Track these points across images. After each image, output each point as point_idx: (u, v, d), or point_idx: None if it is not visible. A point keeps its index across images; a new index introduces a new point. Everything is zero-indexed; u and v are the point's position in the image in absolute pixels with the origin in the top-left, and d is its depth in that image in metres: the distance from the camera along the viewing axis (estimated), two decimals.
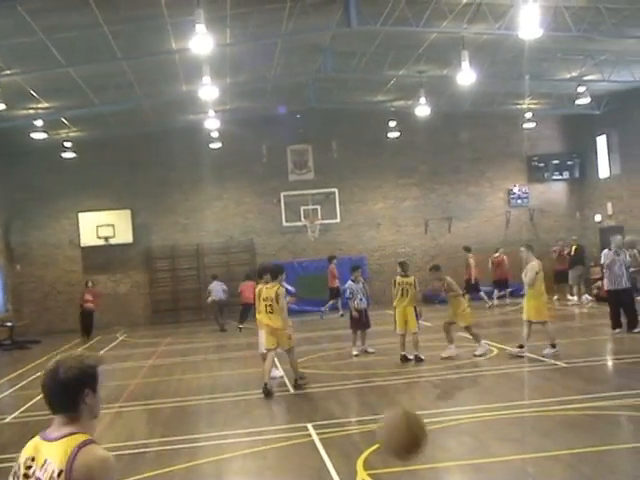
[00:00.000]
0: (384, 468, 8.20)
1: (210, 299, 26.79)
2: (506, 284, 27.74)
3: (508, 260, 27.34)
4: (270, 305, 13.43)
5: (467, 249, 27.49)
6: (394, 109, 30.81)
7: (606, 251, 18.11)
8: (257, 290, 14.92)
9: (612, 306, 17.92)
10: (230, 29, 19.81)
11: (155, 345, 23.39)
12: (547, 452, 8.40)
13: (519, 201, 33.27)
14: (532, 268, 15.06)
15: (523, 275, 15.41)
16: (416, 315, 15.74)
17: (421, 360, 15.37)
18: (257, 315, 15.03)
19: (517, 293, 28.07)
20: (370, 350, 17.32)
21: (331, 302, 27.51)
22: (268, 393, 12.98)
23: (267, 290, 13.58)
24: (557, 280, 27.56)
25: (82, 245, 31.25)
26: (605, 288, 18.36)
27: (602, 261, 18.19)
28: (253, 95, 28.43)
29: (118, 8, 17.51)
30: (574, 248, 27.33)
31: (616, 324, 17.65)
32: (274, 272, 13.87)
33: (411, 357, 15.55)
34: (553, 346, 14.99)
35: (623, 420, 10.07)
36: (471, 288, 26.45)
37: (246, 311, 24.64)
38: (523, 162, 33.40)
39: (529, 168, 33.38)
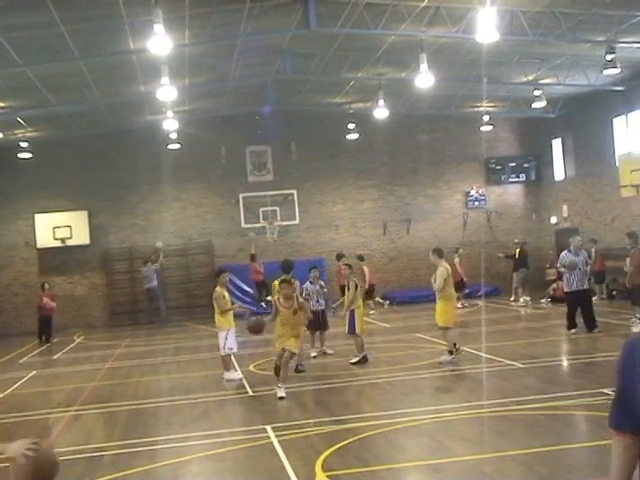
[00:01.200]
0: (343, 469, 8.24)
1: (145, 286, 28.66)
2: (463, 286, 27.13)
3: (463, 262, 27.43)
4: None
5: (360, 258, 27.27)
6: (353, 111, 30.88)
7: (565, 252, 18.01)
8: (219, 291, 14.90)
9: (570, 307, 18.03)
10: (189, 29, 19.70)
11: (113, 347, 23.17)
12: (504, 452, 8.50)
13: (476, 203, 33.55)
14: (441, 274, 14.84)
15: (432, 280, 15.19)
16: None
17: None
18: (216, 316, 14.99)
19: (475, 294, 28.36)
20: (329, 352, 17.34)
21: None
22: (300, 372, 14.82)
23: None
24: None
25: (38, 246, 30.85)
26: (564, 289, 18.31)
27: (559, 263, 18.09)
28: (212, 96, 28.32)
29: (75, 7, 17.30)
30: (518, 251, 27.52)
31: (571, 325, 17.81)
32: (287, 267, 15.00)
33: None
34: (450, 352, 14.80)
35: (579, 420, 10.22)
36: (367, 294, 26.98)
37: (261, 286, 27.52)
38: (480, 164, 33.67)
39: (486, 170, 33.66)
